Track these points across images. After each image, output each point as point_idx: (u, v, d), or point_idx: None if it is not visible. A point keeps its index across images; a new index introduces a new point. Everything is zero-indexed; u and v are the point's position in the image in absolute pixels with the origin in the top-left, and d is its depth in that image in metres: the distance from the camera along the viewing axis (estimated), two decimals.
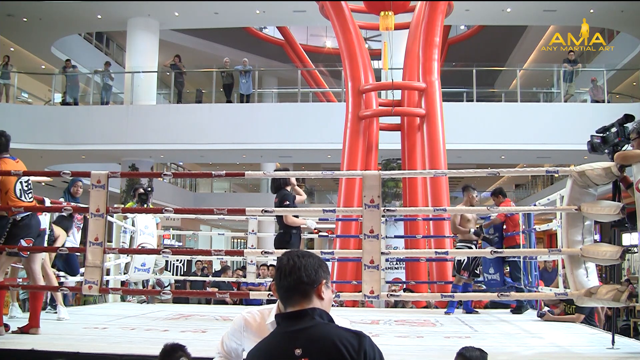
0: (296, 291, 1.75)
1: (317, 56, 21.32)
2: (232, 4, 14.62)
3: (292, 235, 5.52)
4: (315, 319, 1.71)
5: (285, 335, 1.70)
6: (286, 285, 1.76)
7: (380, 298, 4.21)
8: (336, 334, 1.66)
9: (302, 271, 1.75)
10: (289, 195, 5.58)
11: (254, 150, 14.59)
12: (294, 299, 1.75)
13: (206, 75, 16.63)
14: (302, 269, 1.76)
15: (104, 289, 4.48)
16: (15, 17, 15.14)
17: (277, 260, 1.84)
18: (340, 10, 10.94)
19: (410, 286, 8.82)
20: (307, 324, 1.69)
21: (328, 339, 1.64)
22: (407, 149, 11.00)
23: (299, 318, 1.71)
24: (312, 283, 1.75)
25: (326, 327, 1.70)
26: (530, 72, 18.63)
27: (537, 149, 13.40)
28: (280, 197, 5.58)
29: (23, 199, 4.47)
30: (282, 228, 5.59)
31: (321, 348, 1.63)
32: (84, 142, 13.77)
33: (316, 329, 1.68)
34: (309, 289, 1.75)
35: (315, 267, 1.78)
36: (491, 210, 5.42)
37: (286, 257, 1.80)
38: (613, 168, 3.91)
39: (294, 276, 1.75)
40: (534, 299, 6.27)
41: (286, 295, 1.76)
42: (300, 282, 1.74)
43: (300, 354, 1.62)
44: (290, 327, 1.71)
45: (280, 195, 5.59)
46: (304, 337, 1.66)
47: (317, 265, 1.80)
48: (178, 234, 19.53)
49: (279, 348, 1.68)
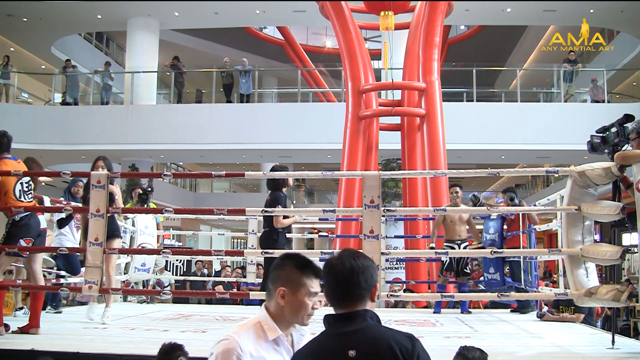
0: (352, 296, 1.74)
1: (317, 56, 21.32)
2: (232, 4, 14.62)
3: (279, 234, 5.50)
4: (367, 320, 1.71)
5: (337, 336, 1.70)
6: (343, 290, 1.74)
7: (380, 298, 4.21)
8: (390, 336, 1.67)
9: (360, 276, 1.74)
10: (282, 199, 5.53)
11: (254, 150, 14.60)
12: (347, 301, 1.74)
13: (206, 75, 16.63)
14: (360, 274, 1.74)
15: (104, 289, 4.48)
16: (15, 17, 15.14)
17: (329, 261, 1.79)
18: (340, 10, 10.94)
19: (410, 286, 8.81)
20: (360, 325, 1.70)
21: (382, 340, 1.65)
22: (407, 149, 11.00)
23: (351, 320, 1.71)
24: (368, 288, 1.75)
25: (379, 328, 1.71)
26: (530, 72, 18.63)
27: (537, 149, 13.40)
28: (272, 198, 5.55)
29: (22, 200, 4.47)
30: (268, 226, 5.55)
31: (375, 350, 1.63)
32: (84, 142, 13.77)
33: (369, 331, 1.69)
34: (366, 293, 1.75)
35: (370, 271, 1.77)
36: (491, 210, 5.42)
37: (340, 260, 1.77)
38: (613, 168, 3.91)
39: (353, 282, 1.73)
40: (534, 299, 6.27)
41: (341, 298, 1.75)
42: (358, 288, 1.73)
43: (354, 355, 1.63)
44: (342, 328, 1.71)
45: (273, 197, 5.55)
46: (358, 338, 1.66)
47: (372, 268, 1.79)
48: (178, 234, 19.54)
49: (331, 349, 1.68)
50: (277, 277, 1.91)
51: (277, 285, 1.90)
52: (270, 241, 5.47)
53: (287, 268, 1.92)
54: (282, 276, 1.91)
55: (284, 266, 1.93)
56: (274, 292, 1.90)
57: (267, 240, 5.51)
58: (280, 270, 1.92)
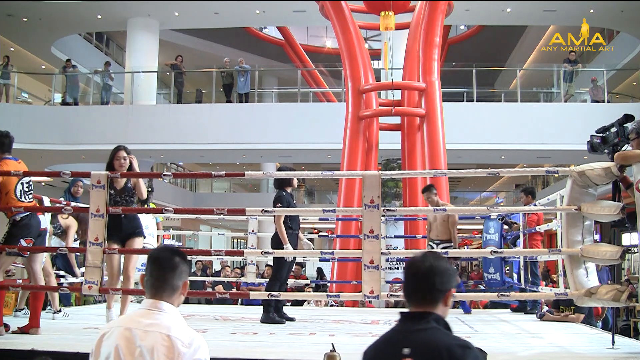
0: (425, 296, 1.79)
1: (317, 56, 21.31)
2: (232, 4, 14.61)
3: (287, 235, 5.50)
4: (431, 322, 1.76)
5: (400, 332, 1.79)
6: (418, 288, 1.81)
7: (380, 298, 4.21)
8: (444, 342, 1.71)
9: (437, 278, 1.79)
10: (284, 197, 5.55)
11: (254, 150, 14.59)
12: (420, 301, 1.80)
13: (206, 75, 16.62)
14: (438, 276, 1.79)
15: (104, 289, 4.48)
16: (15, 17, 15.14)
17: (411, 259, 1.86)
18: (340, 10, 10.94)
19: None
20: (422, 326, 1.75)
21: (436, 345, 1.70)
22: (407, 149, 11.00)
23: (417, 319, 1.77)
24: (444, 291, 1.80)
25: (438, 333, 1.75)
26: (530, 72, 18.62)
27: (537, 149, 13.39)
28: (275, 198, 5.58)
29: (23, 200, 4.48)
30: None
31: (427, 352, 1.69)
32: (84, 142, 13.76)
33: (428, 333, 1.74)
34: (440, 295, 1.80)
35: (448, 275, 1.82)
36: (491, 210, 5.42)
37: (422, 259, 1.83)
38: (613, 168, 3.91)
39: (430, 282, 1.79)
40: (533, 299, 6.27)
41: (415, 296, 1.81)
42: (434, 289, 1.79)
43: (407, 353, 1.70)
44: (406, 326, 1.78)
45: (276, 196, 5.58)
46: (416, 338, 1.73)
47: (451, 272, 1.83)
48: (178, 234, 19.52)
49: (391, 343, 1.77)
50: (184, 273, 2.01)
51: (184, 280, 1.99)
52: (280, 242, 5.45)
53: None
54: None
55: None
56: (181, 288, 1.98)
57: (277, 240, 5.50)
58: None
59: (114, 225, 4.56)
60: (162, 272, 1.94)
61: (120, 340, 1.86)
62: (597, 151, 4.40)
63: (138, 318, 1.91)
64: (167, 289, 1.93)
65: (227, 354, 3.67)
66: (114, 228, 4.56)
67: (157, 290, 1.93)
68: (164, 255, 1.98)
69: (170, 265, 1.95)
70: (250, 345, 4.22)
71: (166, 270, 1.94)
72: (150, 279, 1.95)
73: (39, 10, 14.68)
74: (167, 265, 1.95)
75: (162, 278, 1.93)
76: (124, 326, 1.90)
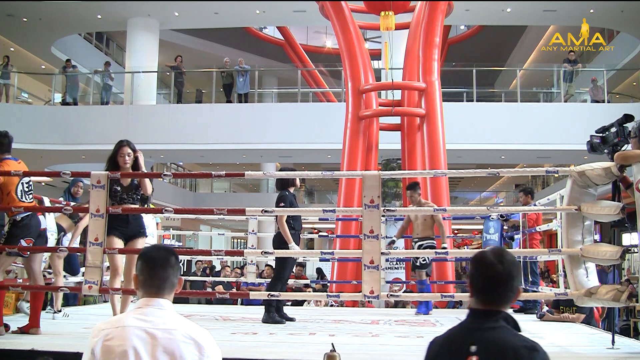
0: (499, 297, 1.79)
1: (317, 56, 21.31)
2: (232, 4, 14.62)
3: (290, 234, 5.49)
4: (500, 321, 1.76)
5: (468, 329, 1.79)
6: (491, 289, 1.79)
7: (380, 298, 4.21)
8: (511, 342, 1.71)
9: (515, 280, 1.80)
10: (287, 197, 5.55)
11: (254, 150, 14.59)
12: (492, 299, 1.80)
13: (206, 75, 16.63)
14: (515, 278, 1.80)
15: (104, 288, 4.47)
16: (15, 17, 15.14)
17: (484, 257, 1.83)
18: (340, 10, 10.94)
19: (410, 286, 8.81)
20: (491, 324, 1.75)
21: (503, 345, 1.70)
22: (407, 149, 11.00)
23: (486, 317, 1.78)
24: (514, 292, 1.81)
25: (507, 332, 1.75)
26: (530, 72, 18.62)
27: (537, 149, 13.39)
28: (278, 197, 5.58)
29: (24, 200, 4.48)
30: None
31: (494, 352, 1.69)
32: (84, 142, 13.76)
33: (496, 332, 1.74)
34: (512, 296, 1.81)
35: (520, 277, 1.84)
36: (491, 210, 5.42)
37: (499, 260, 1.80)
38: (613, 168, 3.91)
39: (507, 284, 1.79)
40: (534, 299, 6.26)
41: (486, 295, 1.81)
42: (509, 290, 1.79)
43: (474, 351, 1.71)
44: (475, 323, 1.79)
45: (279, 196, 5.58)
46: (483, 336, 1.73)
47: (520, 274, 1.85)
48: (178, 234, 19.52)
49: (459, 339, 1.78)
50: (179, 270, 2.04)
51: (178, 277, 2.03)
52: (282, 242, 5.45)
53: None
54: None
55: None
56: (177, 284, 2.01)
57: (280, 241, 5.50)
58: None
59: (121, 220, 4.52)
60: (163, 271, 1.97)
61: (137, 341, 1.85)
62: (597, 151, 4.40)
63: (148, 317, 1.91)
64: (168, 286, 1.97)
65: (227, 354, 3.65)
66: (120, 223, 4.51)
67: (158, 289, 1.95)
68: (161, 255, 2.01)
69: (169, 264, 1.99)
70: (250, 345, 4.21)
71: (166, 269, 1.97)
72: (150, 279, 1.96)
73: (39, 10, 14.68)
74: (166, 264, 1.98)
75: (164, 277, 1.96)
76: (135, 325, 1.88)
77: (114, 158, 4.57)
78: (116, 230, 4.50)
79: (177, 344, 1.86)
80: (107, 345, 1.87)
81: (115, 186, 4.50)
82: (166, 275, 1.97)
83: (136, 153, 4.65)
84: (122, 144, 4.63)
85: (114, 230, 4.48)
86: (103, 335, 1.89)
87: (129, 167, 4.60)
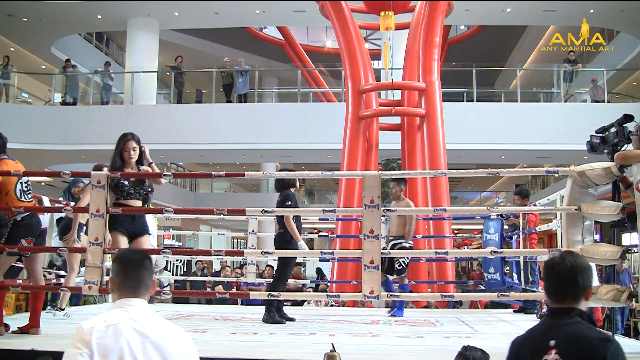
0: (568, 293, 1.95)
1: (317, 56, 21.31)
2: (232, 4, 14.62)
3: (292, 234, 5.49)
4: (575, 317, 1.91)
5: (547, 326, 1.96)
6: (561, 287, 1.97)
7: (380, 298, 4.21)
8: (587, 335, 1.86)
9: (579, 276, 1.94)
10: (292, 196, 5.57)
11: (254, 150, 14.59)
12: (563, 298, 1.96)
13: (206, 75, 16.63)
14: (579, 274, 1.94)
15: (104, 289, 4.47)
16: (15, 17, 15.14)
17: (552, 260, 2.02)
18: (340, 10, 10.94)
19: (410, 286, 8.81)
20: (567, 320, 1.91)
21: (578, 337, 1.86)
22: (407, 149, 11.00)
23: (561, 314, 1.94)
24: (584, 288, 1.95)
25: (582, 326, 1.90)
26: (530, 72, 18.63)
27: (537, 149, 13.39)
28: (283, 196, 5.56)
29: (23, 200, 4.48)
30: (282, 227, 5.55)
31: (572, 346, 1.85)
32: (84, 142, 13.76)
33: (573, 327, 1.89)
34: (581, 292, 1.95)
35: (588, 273, 1.97)
36: (491, 210, 5.42)
37: (563, 259, 1.98)
38: (613, 168, 3.91)
39: (571, 280, 1.95)
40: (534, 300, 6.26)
41: (558, 294, 1.97)
42: (577, 288, 1.94)
43: (553, 345, 1.86)
44: (553, 320, 1.95)
45: (283, 195, 5.57)
46: (561, 332, 1.89)
47: (590, 270, 1.99)
48: (178, 234, 19.52)
49: (539, 335, 1.96)
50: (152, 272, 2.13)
51: (153, 279, 2.12)
52: (284, 242, 5.45)
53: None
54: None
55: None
56: (151, 286, 2.09)
57: (281, 241, 5.50)
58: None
59: (126, 216, 4.46)
60: (137, 273, 2.06)
61: (130, 339, 1.91)
62: (597, 151, 4.40)
63: (132, 316, 1.97)
64: (143, 288, 2.06)
65: (227, 354, 3.68)
66: (125, 219, 4.45)
67: (133, 290, 2.04)
68: (136, 257, 2.11)
69: (143, 266, 2.08)
70: (250, 345, 4.22)
71: (140, 271, 2.06)
72: (126, 280, 2.05)
73: (39, 10, 14.68)
74: (140, 266, 2.07)
75: (138, 278, 2.05)
76: (126, 324, 1.93)
77: (120, 153, 4.50)
78: (122, 226, 4.43)
79: (165, 341, 1.94)
80: (103, 342, 1.90)
81: (122, 180, 4.44)
82: (140, 276, 2.05)
83: (142, 147, 4.61)
84: (127, 137, 4.55)
85: (120, 225, 4.42)
86: (96, 334, 1.92)
87: (134, 162, 4.54)
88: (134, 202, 4.54)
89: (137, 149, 4.55)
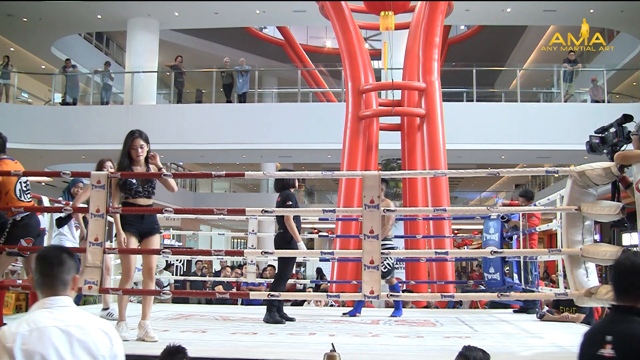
0: (629, 292, 2.06)
1: (317, 56, 21.32)
2: (232, 4, 14.62)
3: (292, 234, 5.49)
4: (634, 316, 2.01)
5: (608, 322, 2.10)
6: (622, 284, 2.08)
7: (380, 298, 4.20)
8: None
9: (638, 277, 2.06)
10: (292, 196, 5.57)
11: (254, 150, 14.59)
12: (624, 295, 2.06)
13: (206, 75, 16.63)
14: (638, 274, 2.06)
15: (103, 289, 4.47)
16: (15, 17, 15.14)
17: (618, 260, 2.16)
18: (340, 10, 10.94)
19: (410, 286, 8.82)
20: (625, 319, 2.01)
21: (633, 335, 1.96)
22: (407, 149, 11.00)
23: (621, 312, 2.05)
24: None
25: (638, 326, 1.99)
26: (530, 72, 18.63)
27: (537, 149, 13.39)
28: (284, 197, 5.56)
29: (23, 199, 4.48)
30: (282, 228, 5.54)
31: (625, 341, 1.95)
32: (84, 142, 13.76)
33: (630, 325, 1.99)
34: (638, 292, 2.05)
35: None
36: (491, 210, 5.42)
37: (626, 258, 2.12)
38: (613, 168, 3.91)
39: (631, 280, 2.07)
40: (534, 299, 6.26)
41: (618, 292, 2.09)
42: (633, 286, 2.06)
43: (609, 340, 1.96)
44: (613, 317, 2.07)
45: (284, 195, 5.57)
46: (618, 328, 2.00)
47: None
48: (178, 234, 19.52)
49: (599, 330, 2.11)
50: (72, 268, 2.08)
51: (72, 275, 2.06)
52: (284, 242, 5.44)
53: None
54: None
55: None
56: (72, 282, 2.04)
57: (281, 241, 5.49)
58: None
59: (135, 215, 4.40)
60: (51, 269, 2.01)
61: (56, 341, 1.87)
62: (596, 151, 4.40)
63: (57, 315, 1.94)
64: (58, 284, 2.00)
65: (227, 354, 3.67)
66: (134, 219, 4.39)
67: (49, 287, 2.00)
68: (51, 254, 2.07)
69: (57, 261, 2.02)
70: (250, 345, 4.21)
71: (54, 266, 2.01)
72: (40, 277, 2.00)
73: (39, 10, 14.68)
74: (54, 262, 2.02)
75: (51, 275, 2.00)
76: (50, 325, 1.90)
77: (128, 152, 4.43)
78: (131, 226, 4.36)
79: (92, 338, 1.93)
80: (26, 350, 1.84)
81: (130, 179, 4.37)
82: (55, 273, 2.00)
83: (152, 153, 4.53)
84: (134, 135, 4.48)
85: (129, 226, 4.35)
86: (20, 339, 1.85)
87: (142, 159, 4.48)
88: (143, 201, 4.44)
89: (145, 146, 4.48)
